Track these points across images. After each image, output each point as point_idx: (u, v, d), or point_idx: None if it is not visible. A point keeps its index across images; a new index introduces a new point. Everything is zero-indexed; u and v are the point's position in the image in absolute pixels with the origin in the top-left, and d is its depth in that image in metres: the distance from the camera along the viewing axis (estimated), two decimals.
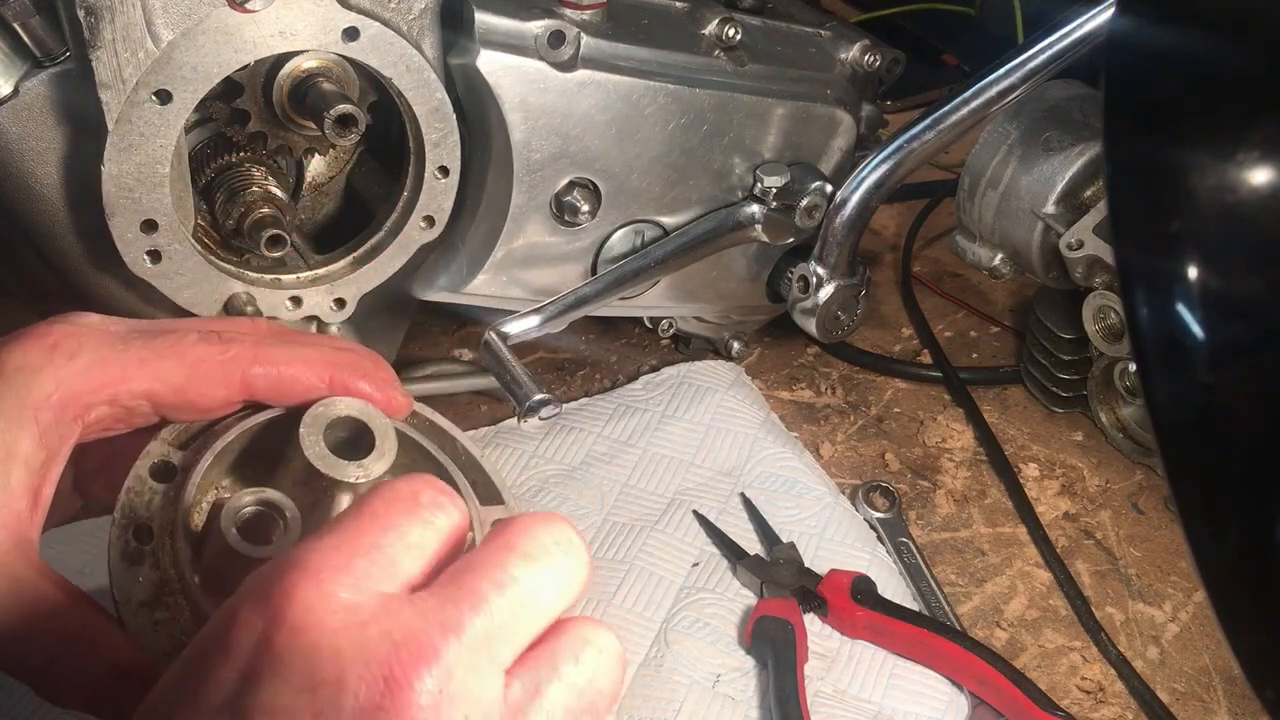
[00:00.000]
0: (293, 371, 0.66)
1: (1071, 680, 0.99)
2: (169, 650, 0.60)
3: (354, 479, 0.63)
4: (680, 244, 1.06)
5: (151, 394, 0.63)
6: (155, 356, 0.63)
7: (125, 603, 0.61)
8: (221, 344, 0.65)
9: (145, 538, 0.62)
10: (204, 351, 0.65)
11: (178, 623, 0.61)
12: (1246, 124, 0.64)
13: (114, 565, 0.62)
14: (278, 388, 0.66)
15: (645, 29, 0.98)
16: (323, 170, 1.06)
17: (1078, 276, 1.10)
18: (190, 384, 0.64)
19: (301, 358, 0.66)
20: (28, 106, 0.84)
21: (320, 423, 0.64)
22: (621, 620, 0.98)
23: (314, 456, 0.63)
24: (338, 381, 0.67)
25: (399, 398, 0.69)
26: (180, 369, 0.64)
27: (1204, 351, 0.61)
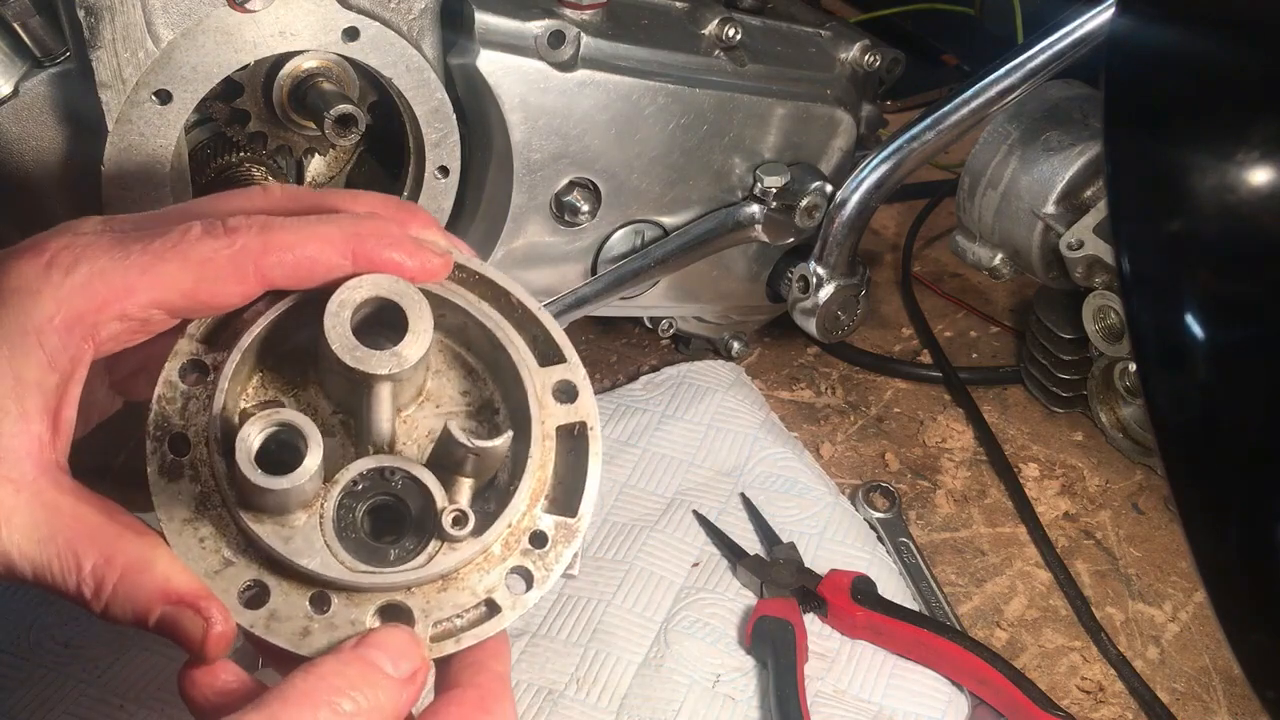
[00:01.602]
0: (310, 253, 0.60)
1: (1071, 680, 0.99)
2: (218, 568, 0.59)
3: (387, 370, 0.58)
4: (680, 244, 1.06)
5: (161, 302, 0.59)
6: (158, 261, 0.58)
7: (168, 520, 0.59)
8: (227, 235, 0.59)
9: (182, 448, 0.60)
10: (209, 248, 0.59)
11: (224, 537, 0.59)
12: (1246, 124, 0.64)
13: (153, 481, 0.59)
14: (297, 273, 0.60)
15: (645, 29, 0.98)
16: (323, 170, 1.05)
17: (1078, 276, 1.10)
18: (200, 286, 0.59)
19: (318, 235, 0.60)
20: (28, 106, 0.84)
21: (344, 312, 0.59)
22: (621, 620, 0.98)
23: (341, 350, 0.58)
24: (361, 255, 0.61)
25: (433, 260, 0.62)
26: (186, 272, 0.59)
27: (1204, 351, 0.61)
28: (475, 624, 0.62)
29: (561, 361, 0.66)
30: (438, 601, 0.61)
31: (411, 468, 0.62)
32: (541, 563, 0.63)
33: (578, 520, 0.64)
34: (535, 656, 0.96)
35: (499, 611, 0.62)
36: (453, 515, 0.60)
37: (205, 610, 0.57)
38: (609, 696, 0.93)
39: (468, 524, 0.60)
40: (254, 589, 0.59)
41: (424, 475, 0.62)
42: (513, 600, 0.62)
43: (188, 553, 0.59)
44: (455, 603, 0.61)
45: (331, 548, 0.60)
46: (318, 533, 0.60)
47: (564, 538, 0.64)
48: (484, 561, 0.62)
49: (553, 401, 0.65)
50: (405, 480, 0.62)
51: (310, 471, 0.57)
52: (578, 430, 0.65)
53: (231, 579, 0.59)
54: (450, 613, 0.61)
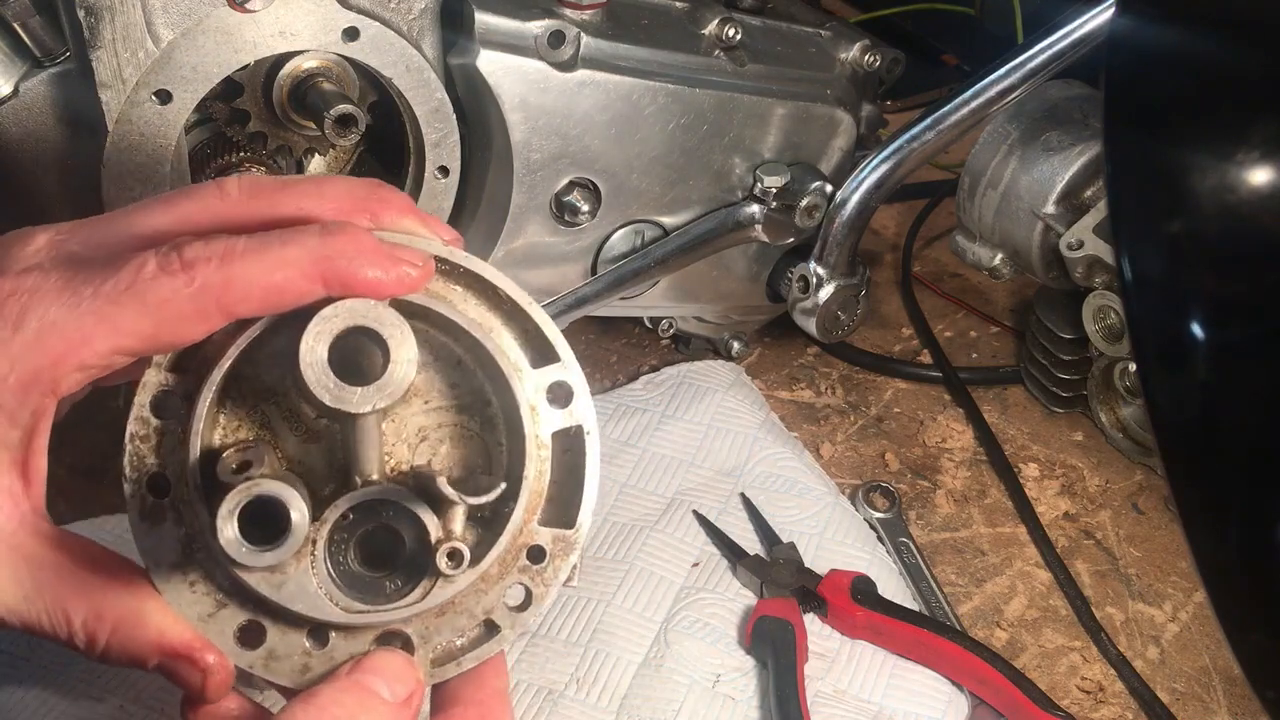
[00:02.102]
0: (275, 282, 0.55)
1: (1071, 680, 0.99)
2: (210, 611, 0.58)
3: (371, 407, 0.55)
4: (680, 244, 1.06)
5: (121, 349, 0.55)
6: (113, 306, 0.54)
7: (155, 567, 0.57)
8: (185, 272, 0.55)
9: (162, 489, 0.58)
10: (168, 289, 0.55)
11: (213, 580, 0.58)
12: (1246, 124, 0.64)
13: (135, 527, 0.58)
14: (264, 304, 0.56)
15: (645, 29, 0.99)
16: (323, 170, 1.05)
17: (1078, 276, 1.10)
18: (161, 328, 0.55)
19: (284, 262, 0.55)
20: (28, 106, 0.84)
21: (320, 347, 0.55)
22: (621, 620, 0.98)
23: (320, 392, 0.54)
24: (333, 277, 0.56)
25: (411, 272, 0.57)
26: (145, 316, 0.55)
27: (1204, 351, 0.61)
28: (475, 645, 0.61)
29: (555, 361, 0.63)
30: (436, 626, 0.61)
31: (401, 498, 0.59)
32: (540, 579, 0.62)
33: (575, 532, 0.62)
34: (535, 656, 0.96)
35: (498, 632, 0.61)
36: (447, 552, 0.58)
37: (201, 660, 0.57)
38: (609, 696, 0.93)
39: (463, 562, 0.58)
40: (249, 629, 0.59)
41: (415, 506, 0.59)
42: (511, 620, 0.62)
43: (178, 599, 0.58)
44: (454, 626, 0.61)
45: (324, 589, 0.58)
46: (309, 576, 0.58)
47: (562, 551, 0.63)
48: (481, 583, 0.61)
49: (546, 405, 0.62)
50: (396, 511, 0.60)
51: (298, 540, 0.54)
52: (574, 434, 0.63)
53: (226, 621, 0.58)
54: (449, 636, 0.61)
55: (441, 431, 0.63)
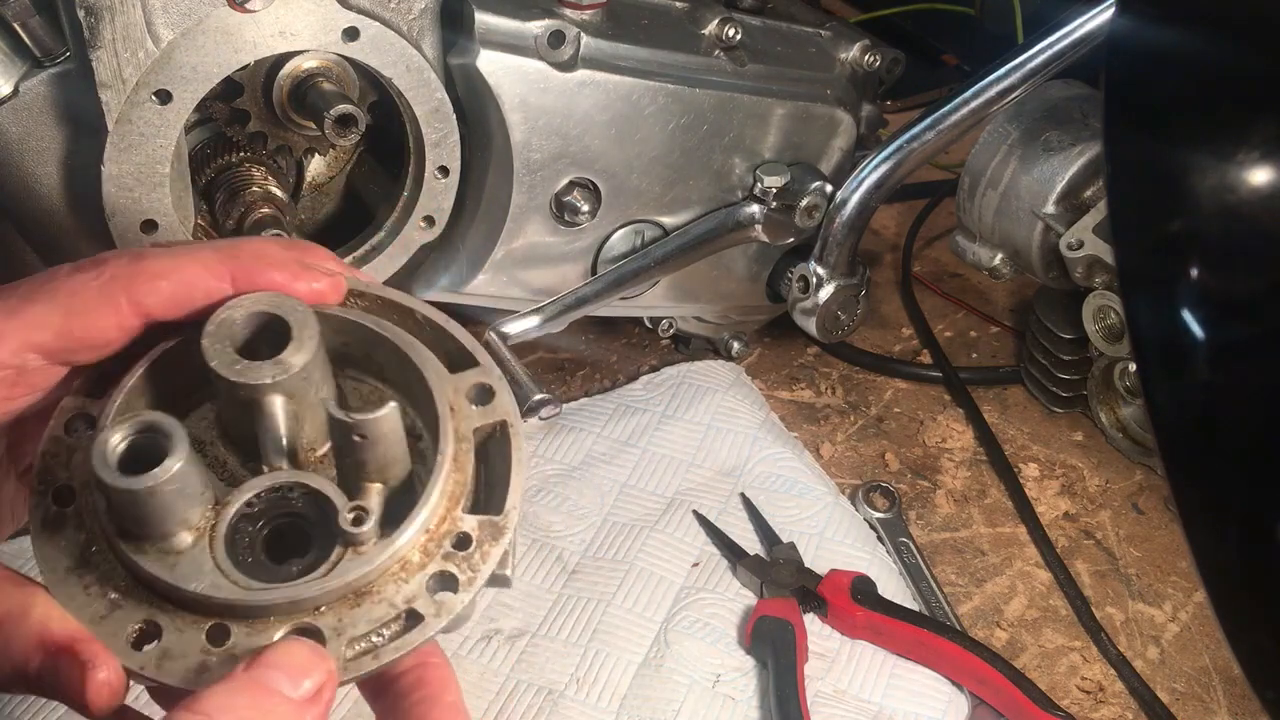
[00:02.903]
0: (185, 277, 0.56)
1: (1071, 680, 0.99)
2: (104, 613, 0.54)
3: (271, 379, 0.55)
4: (680, 244, 1.06)
5: (33, 344, 0.55)
6: (24, 303, 0.55)
7: (50, 571, 0.55)
8: (95, 267, 0.56)
9: (66, 499, 0.57)
10: (77, 281, 0.55)
11: (109, 581, 0.55)
12: (1246, 124, 0.64)
13: (35, 534, 0.56)
14: (174, 299, 0.56)
15: (645, 29, 0.98)
16: (323, 170, 1.06)
17: (1078, 276, 1.10)
18: (71, 320, 0.55)
19: (194, 260, 0.57)
20: (28, 106, 0.84)
21: (224, 328, 0.55)
22: (621, 620, 0.98)
23: (220, 365, 0.55)
24: (242, 276, 0.57)
25: (321, 284, 0.59)
26: (55, 308, 0.55)
27: (1204, 351, 0.61)
28: (396, 637, 0.56)
29: (475, 366, 0.63)
30: (351, 619, 0.55)
31: (309, 479, 0.57)
32: (467, 564, 0.58)
33: (504, 517, 0.59)
34: (535, 656, 0.96)
35: (421, 621, 0.56)
36: (352, 513, 0.55)
37: (83, 653, 0.52)
38: (609, 696, 0.93)
39: (369, 520, 0.55)
40: (145, 629, 0.55)
41: (323, 485, 0.57)
42: (436, 607, 0.56)
43: (71, 600, 0.55)
44: (371, 617, 0.56)
45: (224, 569, 0.55)
46: (207, 555, 0.55)
47: (490, 536, 0.59)
48: (401, 571, 0.57)
49: (468, 405, 0.61)
50: (304, 496, 0.58)
51: (174, 468, 0.53)
52: (498, 430, 0.62)
53: (119, 621, 0.54)
54: (367, 629, 0.56)
55: None
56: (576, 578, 1.02)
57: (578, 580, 1.02)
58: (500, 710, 0.92)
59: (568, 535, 1.06)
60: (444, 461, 0.58)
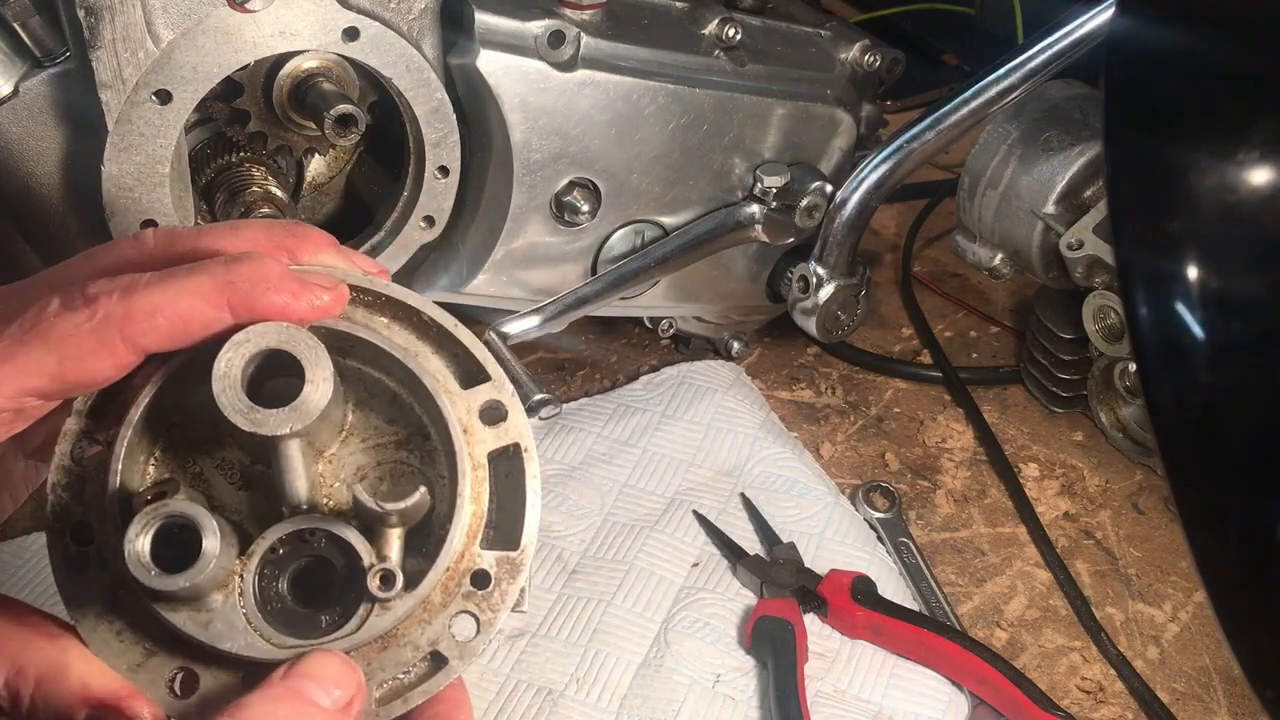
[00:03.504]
0: (180, 311, 0.55)
1: (1071, 680, 0.99)
2: (140, 660, 0.55)
3: (289, 429, 0.54)
4: (680, 244, 1.06)
5: (28, 389, 0.54)
6: (16, 346, 0.54)
7: (81, 617, 0.55)
8: (87, 306, 0.54)
9: (86, 537, 0.56)
10: (69, 324, 0.54)
11: (142, 628, 0.56)
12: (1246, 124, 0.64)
13: (59, 577, 0.56)
14: (172, 335, 0.55)
15: (645, 29, 0.99)
16: (323, 170, 1.06)
17: (1078, 276, 1.10)
18: (66, 365, 0.54)
19: (188, 290, 0.55)
20: (28, 106, 0.84)
21: (233, 372, 0.54)
22: (621, 620, 0.98)
23: (236, 416, 0.54)
24: (239, 304, 0.55)
25: (321, 297, 0.57)
26: (48, 353, 0.54)
27: (1204, 351, 0.61)
28: (423, 679, 0.58)
29: (486, 380, 0.61)
30: (379, 661, 0.57)
31: (332, 526, 0.57)
32: (486, 604, 0.59)
33: (520, 553, 0.60)
34: (535, 656, 0.96)
35: (446, 663, 0.58)
36: (379, 576, 0.56)
37: (130, 710, 0.53)
38: (609, 696, 0.93)
39: (395, 583, 0.56)
40: (182, 676, 0.56)
41: (347, 533, 0.57)
42: (459, 650, 0.58)
43: (105, 649, 0.55)
44: (398, 660, 0.58)
45: (255, 625, 0.56)
46: (238, 613, 0.56)
47: (508, 574, 0.59)
48: (423, 612, 0.58)
49: (480, 426, 0.61)
50: (327, 540, 0.58)
51: (210, 562, 0.53)
52: (511, 452, 0.61)
53: (156, 670, 0.56)
54: (394, 671, 0.57)
55: (381, 469, 0.62)
56: (576, 578, 1.02)
57: (578, 580, 1.02)
58: (500, 710, 0.92)
59: (568, 535, 1.06)
60: (463, 503, 0.59)
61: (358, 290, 0.61)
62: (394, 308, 0.62)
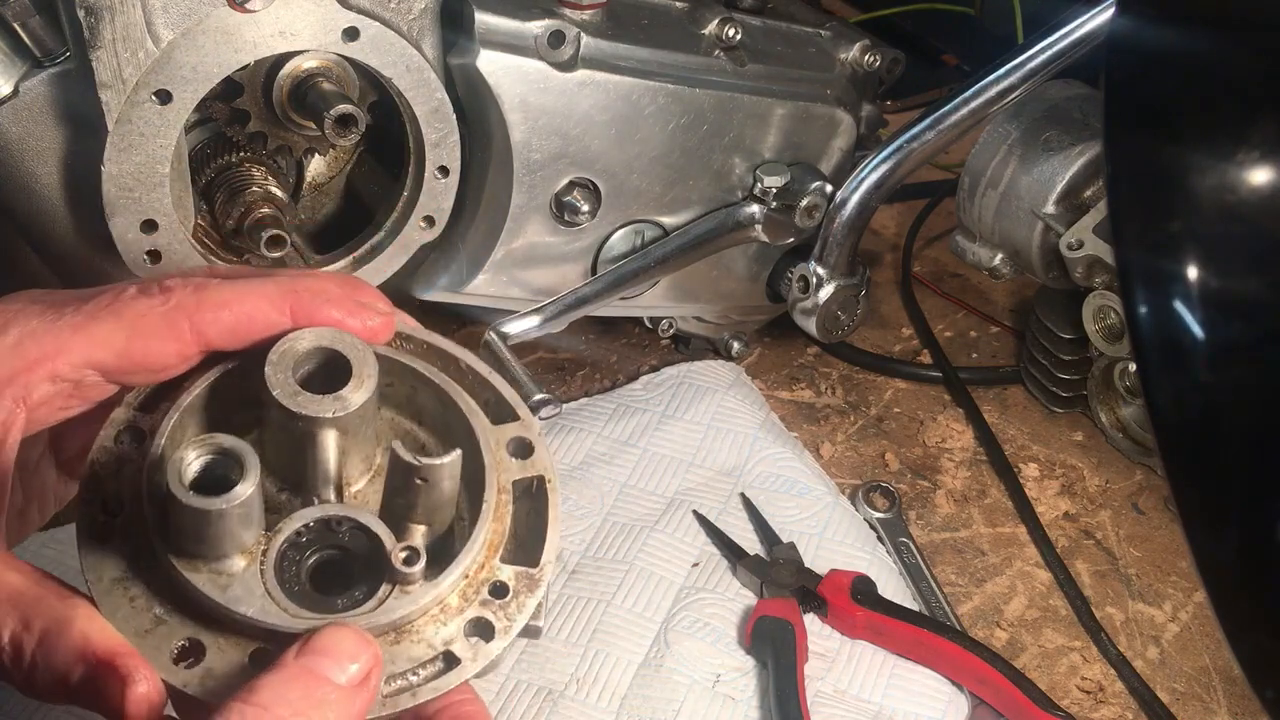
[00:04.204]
0: (246, 309, 0.58)
1: (1071, 680, 0.99)
2: (148, 627, 0.55)
3: (331, 414, 0.57)
4: (680, 244, 1.06)
5: (94, 361, 0.57)
6: (90, 320, 0.57)
7: (97, 581, 0.56)
8: (162, 294, 0.58)
9: (115, 509, 0.57)
10: (143, 305, 0.57)
11: (156, 596, 0.56)
12: (1246, 124, 0.64)
13: (82, 544, 0.56)
14: (234, 330, 0.58)
15: (645, 29, 0.98)
16: (323, 170, 1.06)
17: (1078, 276, 1.10)
18: (134, 343, 0.57)
19: (255, 292, 0.59)
20: (28, 106, 0.84)
21: (287, 359, 0.57)
22: (621, 620, 0.98)
23: (283, 396, 0.56)
24: (300, 311, 0.59)
25: (375, 319, 0.61)
26: (119, 329, 0.57)
27: (1204, 351, 0.61)
28: (433, 678, 0.58)
29: (515, 420, 0.65)
30: (391, 655, 0.57)
31: (360, 515, 0.59)
32: (503, 613, 0.60)
33: (540, 570, 0.61)
34: (535, 656, 0.96)
35: (458, 664, 0.58)
36: (404, 553, 0.57)
37: (123, 667, 0.52)
38: (609, 696, 0.93)
39: (419, 561, 0.57)
40: (188, 647, 0.55)
41: (373, 523, 0.59)
42: (473, 651, 0.58)
43: (115, 612, 0.55)
44: (410, 656, 0.57)
45: (273, 595, 0.56)
46: (258, 580, 0.57)
47: (526, 587, 0.61)
48: (440, 613, 0.59)
49: (508, 457, 0.64)
50: (353, 530, 0.59)
51: (246, 493, 0.54)
52: (535, 486, 0.63)
53: (163, 637, 0.55)
54: (405, 667, 0.57)
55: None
56: (576, 578, 1.02)
57: (578, 580, 1.02)
58: (500, 710, 0.92)
59: (568, 535, 1.06)
60: (488, 511, 0.60)
61: (403, 337, 0.65)
62: (434, 354, 0.66)
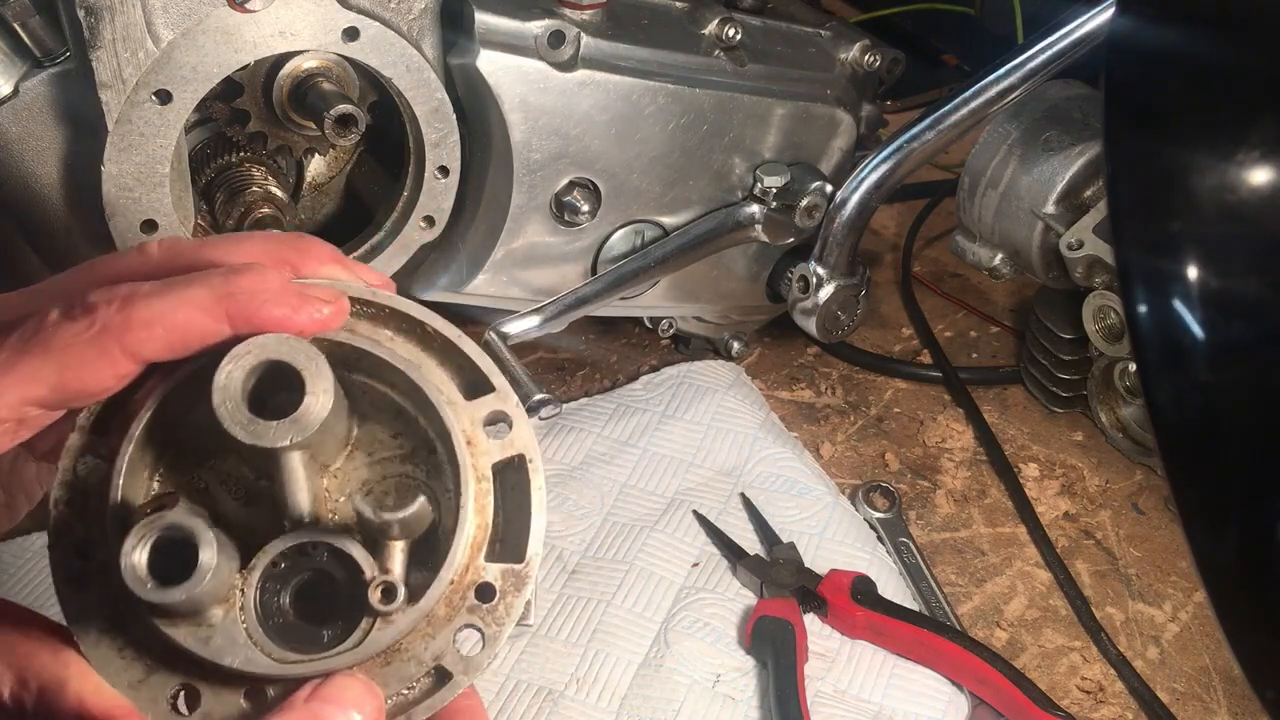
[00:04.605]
0: (179, 321, 0.55)
1: (1071, 680, 0.99)
2: (141, 677, 0.55)
3: (289, 440, 0.53)
4: (680, 244, 1.06)
5: (29, 399, 0.55)
6: (17, 357, 0.54)
7: (83, 634, 0.55)
8: (86, 316, 0.55)
9: (88, 553, 0.56)
10: (69, 333, 0.54)
11: (144, 644, 0.55)
12: (1246, 124, 0.64)
13: (61, 593, 0.55)
14: (170, 345, 0.55)
15: (645, 29, 0.99)
16: (323, 170, 1.06)
17: (1078, 276, 1.10)
18: (66, 375, 0.54)
19: (186, 301, 0.55)
20: (28, 106, 0.84)
21: (232, 385, 0.54)
22: (621, 620, 0.98)
23: (235, 428, 0.53)
24: (239, 316, 0.55)
25: (321, 310, 0.57)
26: (48, 363, 0.54)
27: (1204, 351, 0.61)
28: (427, 694, 0.57)
29: (490, 392, 0.61)
30: (383, 677, 0.57)
31: (334, 540, 0.56)
32: (491, 618, 0.58)
33: (525, 565, 0.59)
34: (535, 656, 0.96)
35: (450, 678, 0.57)
36: (380, 589, 0.55)
37: None
38: (609, 696, 0.93)
39: (397, 597, 0.55)
40: (183, 694, 0.55)
41: (349, 547, 0.57)
42: (464, 665, 0.57)
43: (107, 666, 0.55)
44: (402, 675, 0.57)
45: (256, 640, 0.55)
46: (239, 627, 0.55)
47: (513, 587, 0.59)
48: (427, 626, 0.57)
49: (484, 438, 0.60)
50: (330, 554, 0.57)
51: (206, 574, 0.52)
52: (516, 463, 0.61)
53: (157, 687, 0.55)
54: (398, 687, 0.57)
55: (386, 484, 0.61)
56: (576, 578, 1.02)
57: (578, 580, 1.02)
58: (500, 710, 0.92)
59: (568, 535, 1.06)
60: (466, 516, 0.58)
61: (361, 303, 0.60)
62: (398, 320, 0.61)
